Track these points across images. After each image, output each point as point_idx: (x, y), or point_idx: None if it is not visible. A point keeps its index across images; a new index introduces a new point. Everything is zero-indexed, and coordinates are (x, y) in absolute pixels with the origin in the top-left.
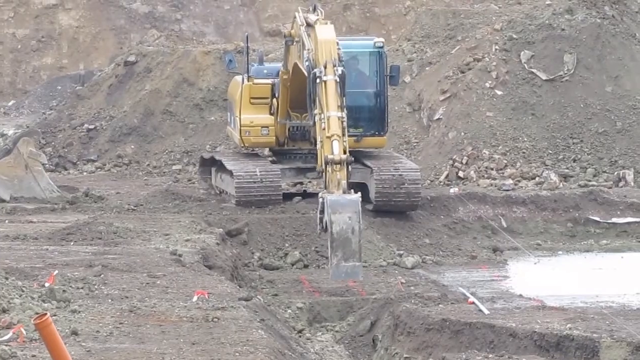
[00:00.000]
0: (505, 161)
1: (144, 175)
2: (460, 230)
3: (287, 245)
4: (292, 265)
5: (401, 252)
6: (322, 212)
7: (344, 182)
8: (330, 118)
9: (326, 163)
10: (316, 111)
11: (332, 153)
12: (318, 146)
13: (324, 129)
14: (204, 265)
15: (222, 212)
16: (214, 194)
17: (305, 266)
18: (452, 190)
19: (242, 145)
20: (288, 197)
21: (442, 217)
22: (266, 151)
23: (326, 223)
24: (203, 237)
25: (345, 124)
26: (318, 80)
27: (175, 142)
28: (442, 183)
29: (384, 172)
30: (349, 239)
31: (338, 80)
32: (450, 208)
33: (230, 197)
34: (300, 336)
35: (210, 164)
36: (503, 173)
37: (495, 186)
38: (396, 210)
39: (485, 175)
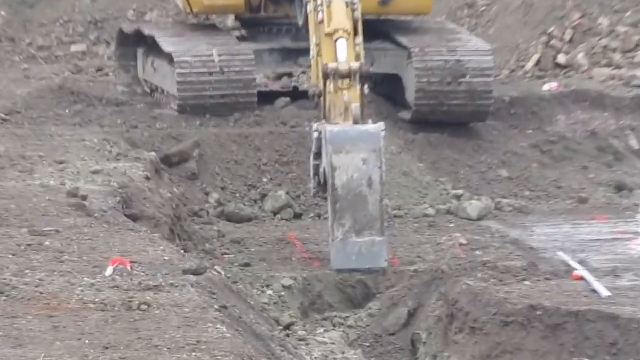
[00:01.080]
0: (637, 38)
1: (23, 61)
2: (560, 154)
3: (265, 180)
4: (274, 214)
5: (460, 191)
6: (317, 154)
7: (355, 107)
8: (332, 3)
9: (325, 76)
10: None
11: (336, 60)
12: (312, 52)
13: (321, 21)
14: (125, 214)
15: (154, 124)
16: (140, 92)
17: (297, 216)
18: (546, 87)
19: (189, 10)
20: (267, 98)
21: (529, 132)
22: (230, 21)
23: (324, 172)
24: (122, 166)
25: (358, 13)
26: None
27: (76, 4)
28: (529, 74)
29: (430, 56)
30: (364, 198)
31: None
32: (544, 117)
33: (169, 98)
34: (288, 335)
35: (135, 43)
36: (633, 58)
37: (620, 80)
38: (451, 121)
39: (603, 62)
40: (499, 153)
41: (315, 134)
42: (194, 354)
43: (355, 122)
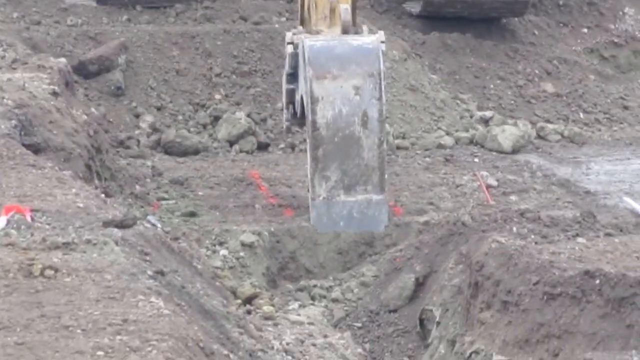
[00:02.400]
0: None
1: None
2: (628, 62)
3: (218, 97)
4: (230, 144)
5: (488, 113)
6: (292, 76)
7: (344, 10)
8: None
9: None
10: None
11: None
12: None
13: None
14: (24, 145)
15: (64, 19)
16: None
17: (262, 147)
18: None
19: None
20: None
21: (584, 31)
22: None
23: (302, 102)
24: (20, 78)
25: None
26: None
27: None
28: None
29: None
30: (356, 141)
31: None
32: (605, 11)
33: None
34: (249, 312)
35: None
36: None
37: None
38: (476, 16)
39: None
40: (543, 60)
41: (290, 48)
42: (118, 337)
43: (345, 30)
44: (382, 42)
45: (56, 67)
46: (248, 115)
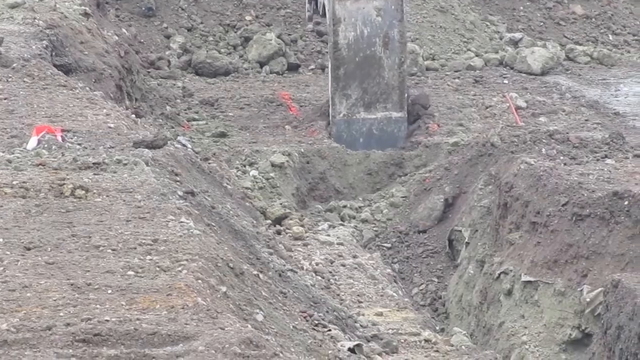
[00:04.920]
0: None
1: None
2: None
3: (248, 18)
4: (261, 65)
5: (517, 35)
6: None
7: None
8: None
9: None
10: None
11: None
12: None
13: None
14: (55, 65)
15: None
16: None
17: (292, 68)
18: None
19: None
20: None
21: None
22: None
23: (323, 5)
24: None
25: None
26: None
27: None
28: None
29: None
30: (377, 61)
31: None
32: None
33: None
34: (279, 232)
35: None
36: None
37: None
38: None
39: None
40: None
41: None
42: (148, 257)
43: None
44: None
45: None
46: (278, 36)
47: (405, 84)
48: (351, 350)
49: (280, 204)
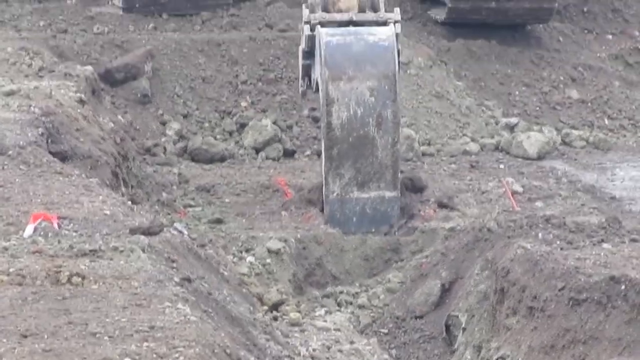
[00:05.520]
0: None
1: None
2: None
3: (244, 105)
4: (257, 151)
5: (513, 120)
6: (309, 54)
7: None
8: None
9: None
10: None
11: None
12: None
13: None
14: (51, 152)
15: (91, 27)
16: None
17: (288, 154)
18: None
19: None
20: None
21: (609, 37)
22: None
23: (316, 81)
24: (47, 86)
25: None
26: None
27: None
28: None
29: None
30: (371, 141)
31: None
32: (630, 17)
33: None
34: (276, 318)
35: None
36: None
37: None
38: (501, 23)
39: None
40: (568, 67)
41: (307, 29)
42: (145, 344)
43: (362, 8)
44: (397, 21)
45: (83, 75)
46: (274, 123)
47: (399, 164)
48: None
49: (277, 290)
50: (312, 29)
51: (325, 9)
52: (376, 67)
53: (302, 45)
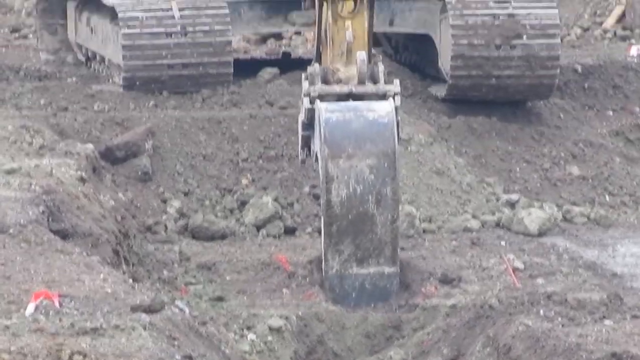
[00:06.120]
0: None
1: None
2: None
3: (244, 182)
4: (258, 229)
5: (514, 196)
6: (309, 125)
7: (361, 59)
8: None
9: None
10: None
11: None
12: None
13: None
14: (52, 230)
15: (92, 105)
16: (72, 62)
17: (289, 231)
18: (634, 52)
19: None
20: (247, 68)
21: (609, 114)
22: None
23: (316, 155)
24: (48, 164)
25: None
26: None
27: None
28: (610, 34)
29: (472, 9)
30: (370, 218)
31: None
32: (630, 94)
33: (111, 69)
34: None
35: None
36: None
37: None
38: (502, 100)
39: None
40: (568, 143)
41: (306, 102)
42: None
43: (361, 80)
44: (397, 94)
45: (83, 153)
46: (275, 200)
47: (398, 239)
48: None
49: None
50: (312, 102)
51: (325, 79)
52: (376, 144)
53: (302, 117)
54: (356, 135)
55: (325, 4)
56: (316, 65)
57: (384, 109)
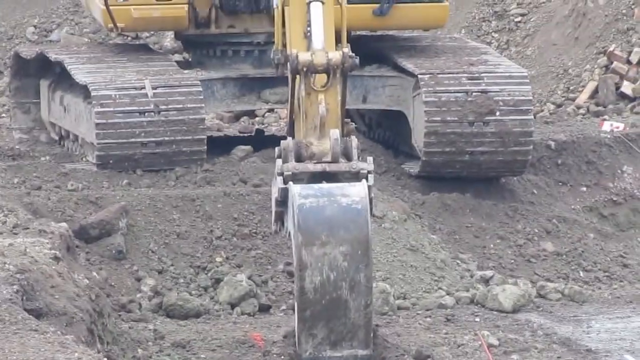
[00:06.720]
0: None
1: None
2: (627, 220)
3: (219, 260)
4: (232, 307)
5: (488, 273)
6: (282, 202)
7: (334, 137)
8: None
9: (294, 71)
10: None
11: (309, 48)
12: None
13: None
14: (26, 309)
15: (65, 183)
16: (45, 141)
17: (264, 309)
18: (607, 128)
19: (112, 26)
20: (221, 146)
21: (583, 189)
22: (168, 40)
23: (288, 231)
24: (22, 243)
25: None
26: None
27: None
28: (583, 110)
29: (445, 86)
30: (344, 303)
31: None
32: (604, 169)
33: (85, 148)
34: None
35: (38, 72)
36: None
37: None
38: (475, 176)
39: None
40: (542, 219)
41: (280, 181)
42: None
43: (334, 158)
44: (370, 172)
45: (57, 232)
46: (249, 278)
47: (372, 323)
48: None
49: None
50: (285, 182)
51: (298, 154)
52: (349, 231)
53: (276, 195)
54: (330, 222)
55: (298, 77)
56: (289, 139)
57: (357, 194)
